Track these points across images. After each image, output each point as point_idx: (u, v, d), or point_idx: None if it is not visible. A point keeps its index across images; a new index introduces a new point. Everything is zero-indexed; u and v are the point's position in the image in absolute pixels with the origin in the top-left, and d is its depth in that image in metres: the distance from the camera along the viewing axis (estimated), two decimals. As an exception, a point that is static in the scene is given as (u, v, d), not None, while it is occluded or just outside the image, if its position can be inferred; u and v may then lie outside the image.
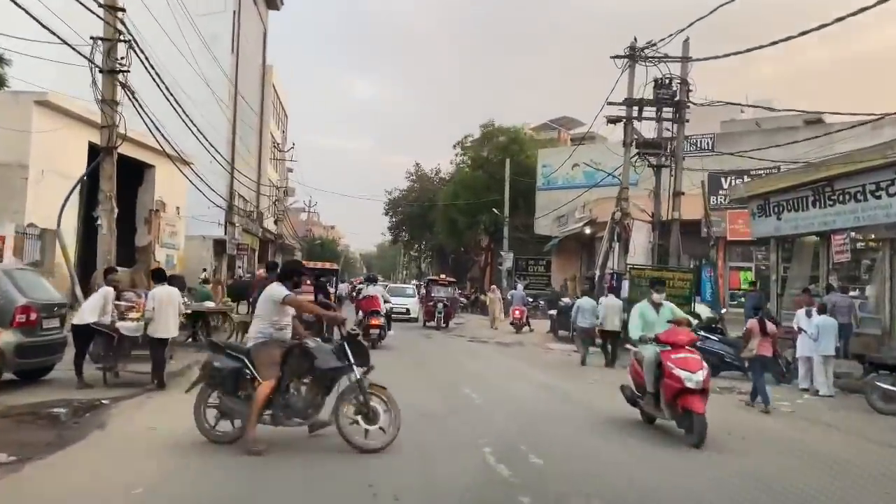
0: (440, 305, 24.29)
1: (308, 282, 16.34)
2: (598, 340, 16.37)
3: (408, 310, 27.38)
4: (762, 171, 26.06)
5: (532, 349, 18.92)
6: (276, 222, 37.62)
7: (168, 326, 9.93)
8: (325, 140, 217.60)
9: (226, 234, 34.80)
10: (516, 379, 12.64)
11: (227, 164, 32.01)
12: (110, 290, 10.12)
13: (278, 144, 38.37)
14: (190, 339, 15.98)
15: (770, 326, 11.26)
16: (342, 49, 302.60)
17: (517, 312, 23.78)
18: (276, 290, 6.85)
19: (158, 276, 10.20)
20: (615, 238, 20.69)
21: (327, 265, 16.70)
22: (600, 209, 29.55)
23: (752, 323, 11.25)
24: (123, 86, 14.95)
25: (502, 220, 39.20)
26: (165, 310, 9.85)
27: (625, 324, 19.24)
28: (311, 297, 15.42)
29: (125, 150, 22.35)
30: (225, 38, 35.29)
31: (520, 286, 28.73)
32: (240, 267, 36.27)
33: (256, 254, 41.92)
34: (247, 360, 6.68)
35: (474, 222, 42.42)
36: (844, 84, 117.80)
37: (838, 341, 12.85)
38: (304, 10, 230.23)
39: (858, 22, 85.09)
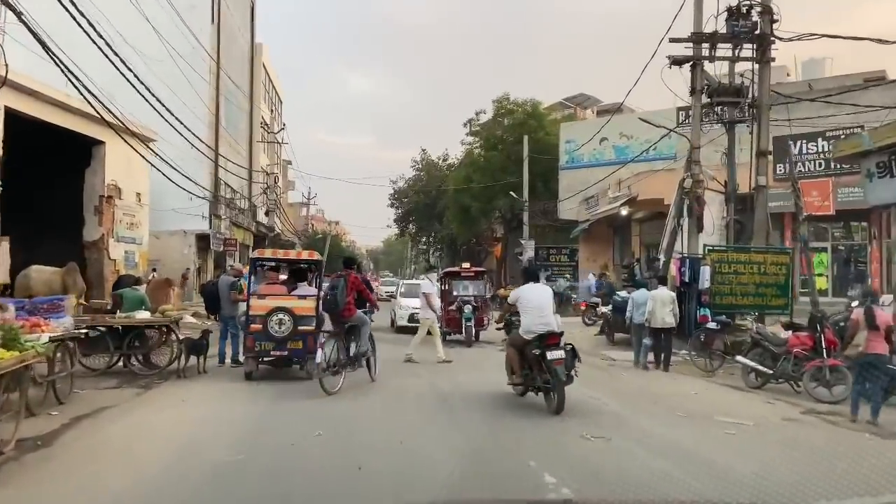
0: (467, 309, 16.63)
1: (281, 275, 11.55)
2: (647, 340, 13.06)
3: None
4: (840, 132, 21.12)
5: (587, 361, 13.93)
6: (266, 213, 32.59)
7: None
8: (324, 136, 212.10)
9: (210, 227, 29.93)
10: (612, 430, 7.48)
11: (207, 146, 27.16)
12: None
13: (267, 125, 33.34)
14: (121, 365, 11.06)
15: (882, 316, 8.37)
16: (337, 44, 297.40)
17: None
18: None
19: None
20: (685, 213, 15.68)
21: (303, 255, 11.72)
22: (642, 185, 24.55)
23: (858, 313, 8.50)
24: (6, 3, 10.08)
25: (520, 206, 34.15)
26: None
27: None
28: (282, 293, 10.57)
29: (66, 121, 17.62)
30: (203, 8, 30.37)
31: (591, 275, 23.60)
32: (231, 265, 31.34)
33: (250, 250, 37.05)
34: None
35: (489, 209, 37.25)
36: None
37: None
38: (295, 6, 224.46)
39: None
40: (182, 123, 19.04)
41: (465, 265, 20.04)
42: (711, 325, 12.37)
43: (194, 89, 26.73)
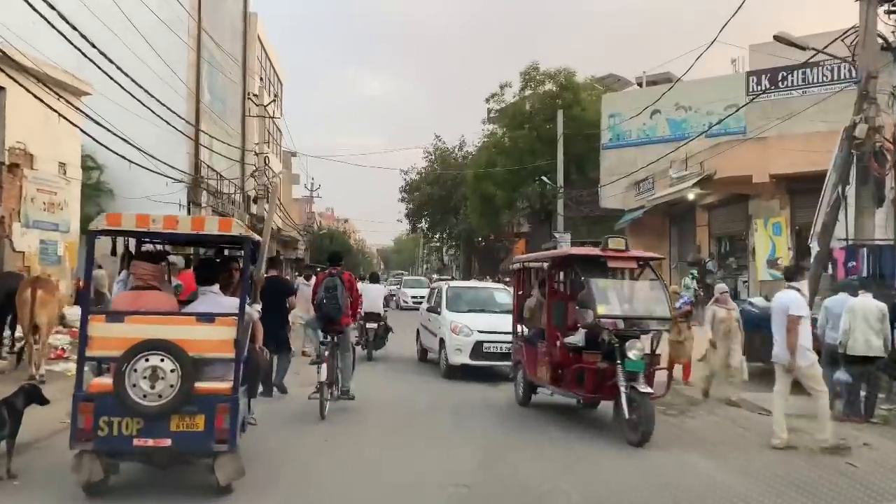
0: (633, 353, 7.01)
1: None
2: (842, 375, 8.05)
3: None
4: None
5: (720, 415, 8.11)
6: (255, 200, 27.03)
7: None
8: (333, 137, 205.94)
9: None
10: None
11: (185, 122, 21.56)
12: None
13: (256, 96, 27.71)
14: None
15: None
16: (346, 44, 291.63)
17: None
18: None
19: None
20: (854, 179, 9.90)
21: (205, 226, 5.62)
22: (721, 161, 18.69)
23: None
24: None
25: (552, 193, 28.40)
26: None
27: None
28: (163, 308, 4.84)
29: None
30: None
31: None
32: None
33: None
34: None
35: (515, 197, 31.34)
36: None
37: None
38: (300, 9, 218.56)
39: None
40: (149, 94, 14.08)
41: (616, 243, 7.96)
42: None
43: (163, 60, 20.94)
